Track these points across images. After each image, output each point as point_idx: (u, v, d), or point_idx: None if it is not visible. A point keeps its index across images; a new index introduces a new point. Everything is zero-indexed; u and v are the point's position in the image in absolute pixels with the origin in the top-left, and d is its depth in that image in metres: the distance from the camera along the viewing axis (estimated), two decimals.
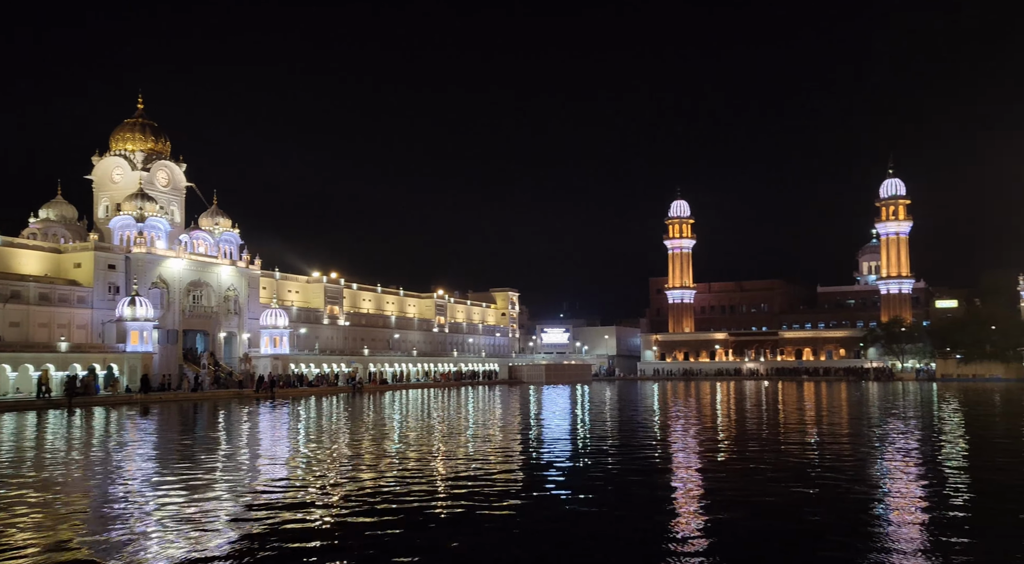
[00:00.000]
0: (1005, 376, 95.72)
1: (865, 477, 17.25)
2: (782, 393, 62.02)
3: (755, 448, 22.96)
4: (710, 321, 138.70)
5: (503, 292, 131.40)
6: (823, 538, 11.36)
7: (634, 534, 11.86)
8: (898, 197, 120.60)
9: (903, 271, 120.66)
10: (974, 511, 13.01)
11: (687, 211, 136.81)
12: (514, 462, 20.10)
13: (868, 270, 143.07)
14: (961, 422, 33.13)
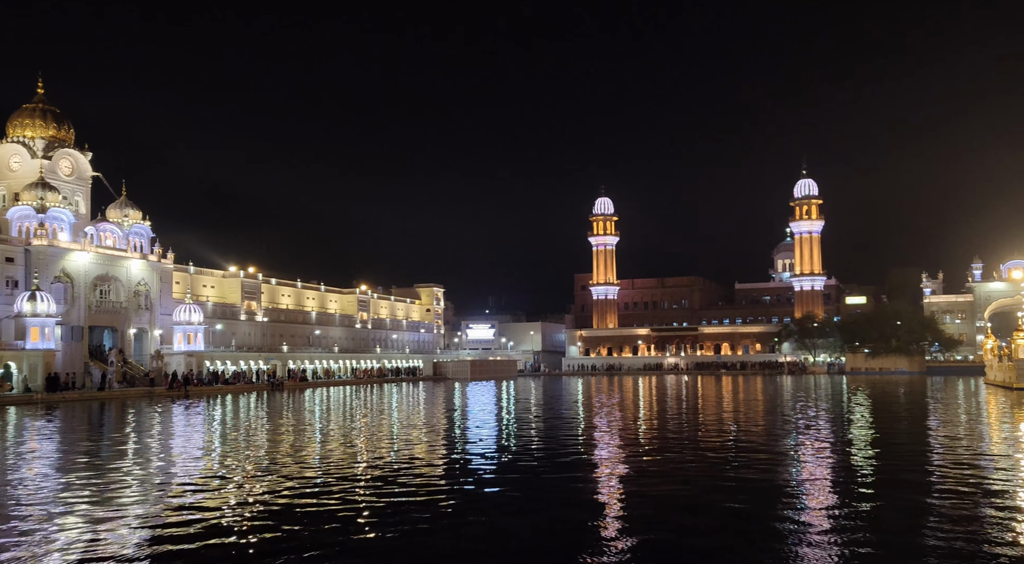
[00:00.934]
0: (909, 369, 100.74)
1: (778, 468, 17.54)
2: (701, 387, 63.45)
3: (675, 439, 23.16)
4: (633, 317, 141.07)
5: (428, 288, 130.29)
6: (738, 528, 11.40)
7: (557, 532, 11.61)
8: (811, 197, 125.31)
9: (815, 269, 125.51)
10: (876, 496, 13.45)
11: (611, 208, 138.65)
12: (436, 460, 19.64)
13: (783, 267, 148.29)
14: (866, 413, 34.46)
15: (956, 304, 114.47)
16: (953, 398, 45.78)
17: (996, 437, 23.97)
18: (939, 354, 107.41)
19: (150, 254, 71.93)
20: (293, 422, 32.59)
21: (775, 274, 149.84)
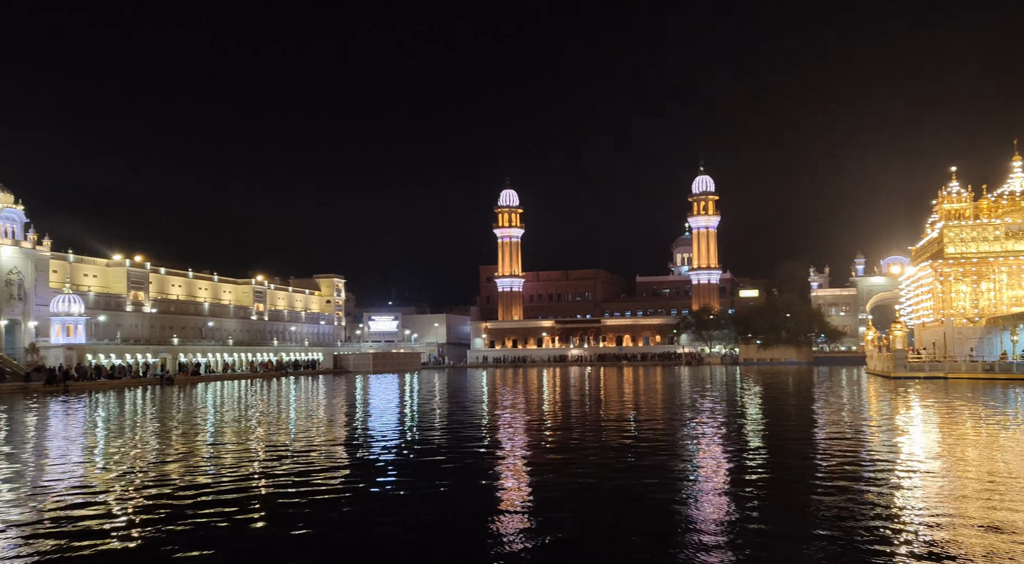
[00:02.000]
0: (798, 359, 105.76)
1: (677, 458, 17.53)
2: (604, 379, 64.27)
3: (577, 430, 22.95)
4: (538, 309, 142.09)
5: (328, 278, 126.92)
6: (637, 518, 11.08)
7: (456, 528, 10.94)
8: (708, 193, 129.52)
9: (712, 263, 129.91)
10: (767, 480, 13.53)
11: (516, 201, 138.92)
12: (333, 455, 18.57)
13: (682, 261, 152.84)
14: (758, 401, 35.56)
15: (841, 297, 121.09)
16: (837, 386, 48.04)
17: (875, 420, 25.03)
18: (825, 345, 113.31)
19: (23, 240, 66.50)
20: (182, 419, 30.52)
21: (674, 268, 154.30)
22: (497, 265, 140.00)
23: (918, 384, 47.89)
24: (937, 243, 67.08)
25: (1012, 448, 18.48)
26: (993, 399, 34.43)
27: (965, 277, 64.21)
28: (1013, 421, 24.78)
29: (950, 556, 8.84)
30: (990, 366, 54.55)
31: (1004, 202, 65.23)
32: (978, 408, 29.80)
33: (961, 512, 11.18)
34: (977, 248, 64.15)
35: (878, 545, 9.49)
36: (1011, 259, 63.09)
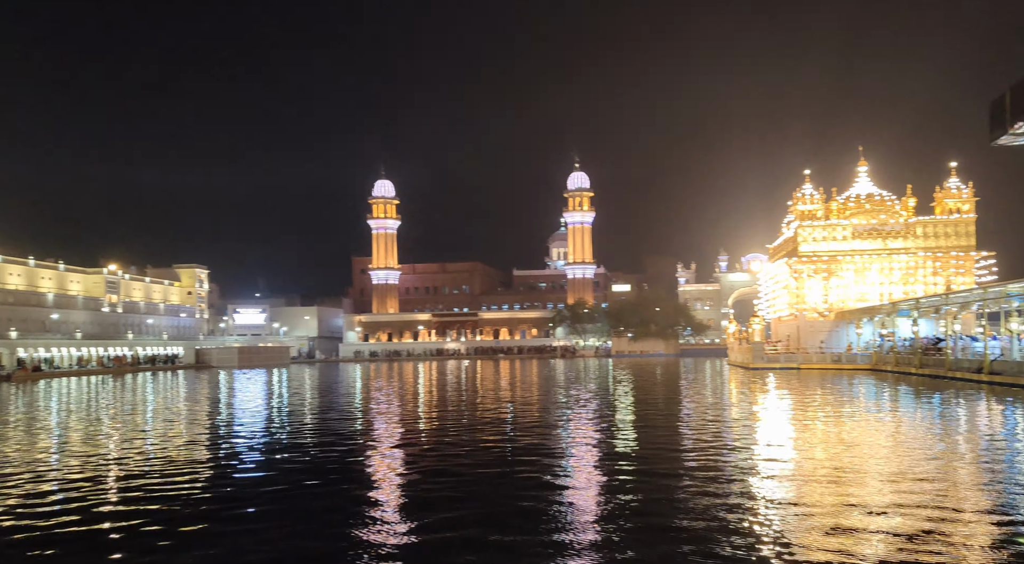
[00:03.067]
0: (666, 352, 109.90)
1: (550, 448, 17.17)
2: (481, 372, 63.92)
3: (453, 426, 22.22)
4: (414, 302, 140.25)
5: (189, 268, 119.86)
6: (512, 511, 10.51)
7: (319, 537, 9.92)
8: (583, 189, 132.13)
9: (587, 258, 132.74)
10: (636, 469, 13.38)
11: (392, 192, 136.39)
12: (194, 458, 16.85)
13: (558, 256, 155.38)
14: (629, 392, 36.21)
15: (705, 292, 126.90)
16: (702, 377, 49.91)
17: (735, 409, 25.88)
18: (691, 338, 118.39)
19: None
20: (32, 419, 27.25)
21: (550, 262, 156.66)
22: (372, 257, 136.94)
23: (774, 374, 50.46)
24: (792, 242, 71.20)
25: (854, 432, 19.44)
26: (839, 387, 36.62)
27: (817, 274, 68.50)
28: (855, 408, 26.24)
29: (800, 539, 8.95)
30: (837, 357, 58.38)
31: (851, 204, 70.06)
32: (825, 396, 31.48)
33: (810, 492, 11.65)
34: (828, 247, 68.57)
35: (737, 526, 9.57)
36: (857, 258, 67.87)
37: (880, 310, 59.08)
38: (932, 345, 48.34)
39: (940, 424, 21.53)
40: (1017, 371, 35.67)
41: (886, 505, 10.68)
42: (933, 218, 67.61)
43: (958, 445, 17.23)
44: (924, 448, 16.52)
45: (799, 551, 8.67)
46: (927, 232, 67.15)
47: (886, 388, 35.95)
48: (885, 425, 21.30)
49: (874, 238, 68.07)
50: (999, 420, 22.39)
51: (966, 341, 46.16)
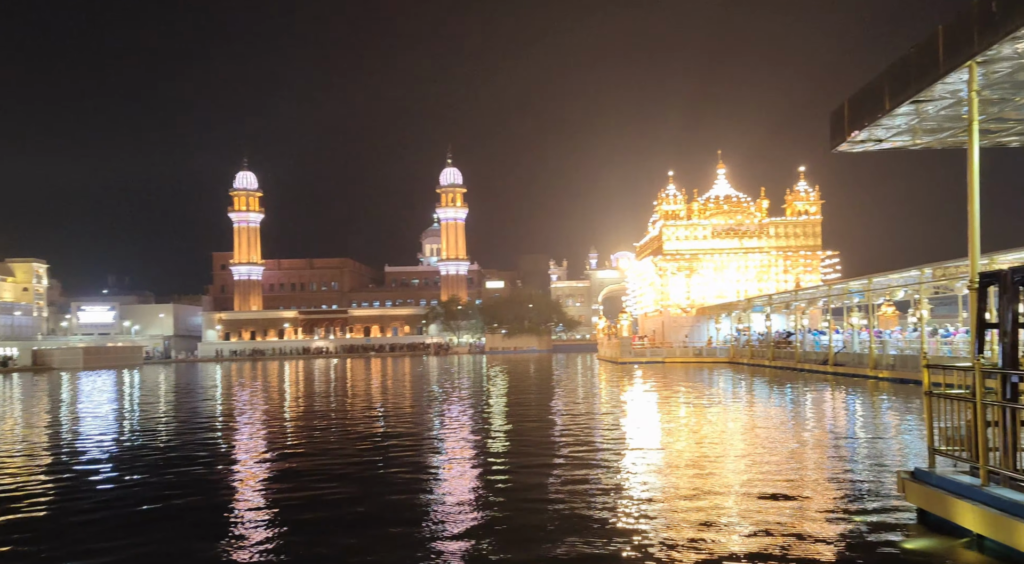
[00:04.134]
0: (539, 348, 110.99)
1: (421, 443, 16.16)
2: (351, 370, 61.68)
3: (321, 426, 20.65)
4: (280, 299, 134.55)
5: (25, 263, 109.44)
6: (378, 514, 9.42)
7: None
8: (456, 186, 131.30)
9: (460, 254, 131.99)
10: (509, 462, 12.71)
11: (255, 184, 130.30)
12: (27, 472, 14.43)
13: (431, 252, 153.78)
14: (501, 388, 35.70)
15: (577, 289, 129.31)
16: (573, 372, 50.29)
17: (603, 401, 25.89)
18: (563, 334, 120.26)
19: None
20: None
21: (424, 258, 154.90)
22: (233, 252, 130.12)
23: (641, 368, 51.56)
24: (657, 240, 73.40)
25: (713, 422, 19.79)
26: (699, 379, 37.74)
27: (680, 271, 70.92)
28: (713, 399, 26.90)
29: (664, 526, 8.92)
30: (699, 351, 60.56)
31: (711, 205, 73.02)
32: (687, 388, 32.23)
33: (674, 481, 11.94)
34: (690, 246, 71.15)
35: (605, 515, 9.45)
36: (717, 256, 70.82)
37: (737, 306, 61.81)
38: (783, 339, 50.88)
39: (791, 412, 22.22)
40: (857, 362, 37.90)
41: (745, 489, 11.04)
42: (784, 219, 71.60)
43: (806, 431, 17.76)
44: (777, 434, 17.07)
45: (664, 537, 8.53)
46: (779, 232, 71.02)
47: (742, 380, 37.28)
48: (742, 414, 21.79)
49: (732, 238, 71.26)
50: (841, 407, 23.43)
51: (813, 335, 48.87)
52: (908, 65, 8.69)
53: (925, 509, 8.59)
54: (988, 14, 7.07)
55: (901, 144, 10.77)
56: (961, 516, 7.78)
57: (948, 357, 30.74)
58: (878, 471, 12.13)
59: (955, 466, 8.54)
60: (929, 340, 34.03)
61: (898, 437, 16.27)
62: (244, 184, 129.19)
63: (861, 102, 9.93)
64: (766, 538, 8.37)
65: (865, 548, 7.94)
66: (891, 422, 19.14)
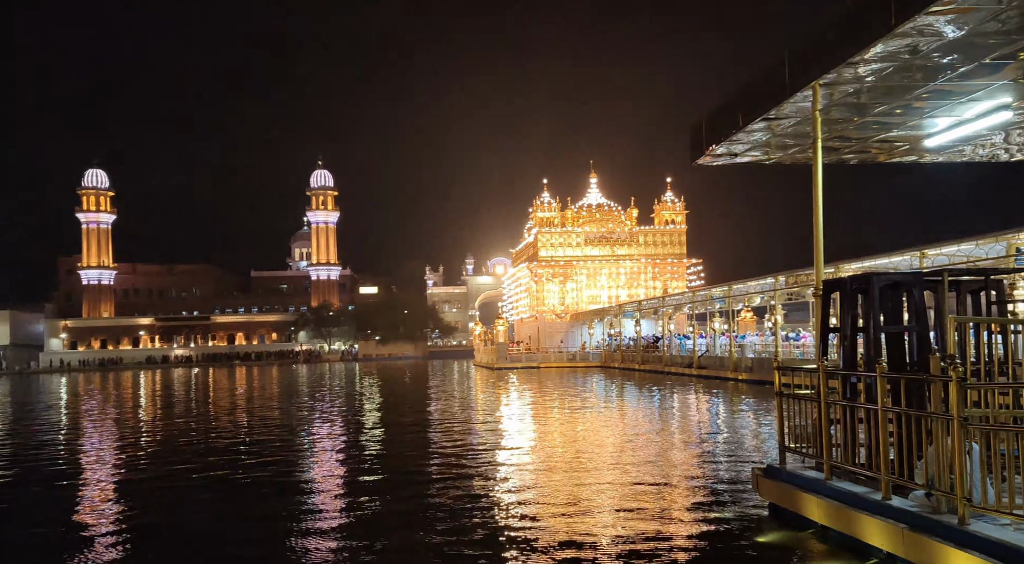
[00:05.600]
0: (414, 354, 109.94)
1: (288, 455, 15.51)
2: (213, 380, 58.62)
3: (175, 439, 19.37)
4: (135, 305, 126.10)
5: None
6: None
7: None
8: (327, 188, 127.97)
9: (332, 258, 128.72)
10: (383, 469, 12.50)
11: (106, 182, 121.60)
12: None
13: (300, 256, 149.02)
14: (375, 395, 35.05)
15: (453, 295, 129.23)
16: (449, 378, 50.15)
17: (479, 407, 25.95)
18: (439, 340, 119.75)
19: None
20: None
21: (293, 263, 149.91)
22: (82, 255, 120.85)
23: (516, 373, 52.13)
24: (533, 247, 74.63)
25: (584, 424, 20.30)
26: (573, 383, 38.62)
27: (555, 278, 72.43)
28: (586, 402, 27.61)
29: (533, 526, 8.79)
30: (573, 356, 62.00)
31: (584, 213, 75.12)
32: (561, 392, 32.88)
33: (544, 482, 12.13)
34: (564, 252, 72.83)
35: (480, 518, 9.28)
36: (590, 263, 72.87)
37: (609, 312, 63.81)
38: (652, 343, 52.99)
39: (657, 413, 23.11)
40: (719, 365, 40.00)
41: (611, 488, 11.36)
42: (652, 228, 74.70)
43: (670, 431, 18.52)
44: (643, 435, 17.71)
45: (538, 538, 8.59)
46: (648, 241, 74.02)
47: (614, 383, 38.45)
48: (612, 417, 22.43)
49: (604, 245, 73.56)
50: (704, 408, 24.62)
51: (679, 339, 51.20)
52: (759, 84, 9.21)
53: (776, 503, 9.07)
54: (828, 41, 7.59)
55: (755, 158, 11.41)
56: (808, 509, 8.27)
57: (800, 360, 32.96)
58: (737, 469, 12.75)
59: (803, 462, 9.08)
60: (783, 344, 36.40)
61: (757, 436, 17.23)
62: (94, 182, 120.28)
63: (717, 118, 10.43)
64: (628, 535, 8.62)
65: (720, 543, 8.28)
66: (750, 421, 20.26)
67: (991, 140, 10.33)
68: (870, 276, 8.28)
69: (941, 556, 6.17)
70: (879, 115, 9.16)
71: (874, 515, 7.14)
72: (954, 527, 6.17)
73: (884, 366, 7.33)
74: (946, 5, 6.00)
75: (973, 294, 8.45)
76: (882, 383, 7.20)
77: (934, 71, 7.61)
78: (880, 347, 8.26)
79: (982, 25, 6.41)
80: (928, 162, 11.63)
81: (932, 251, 23.59)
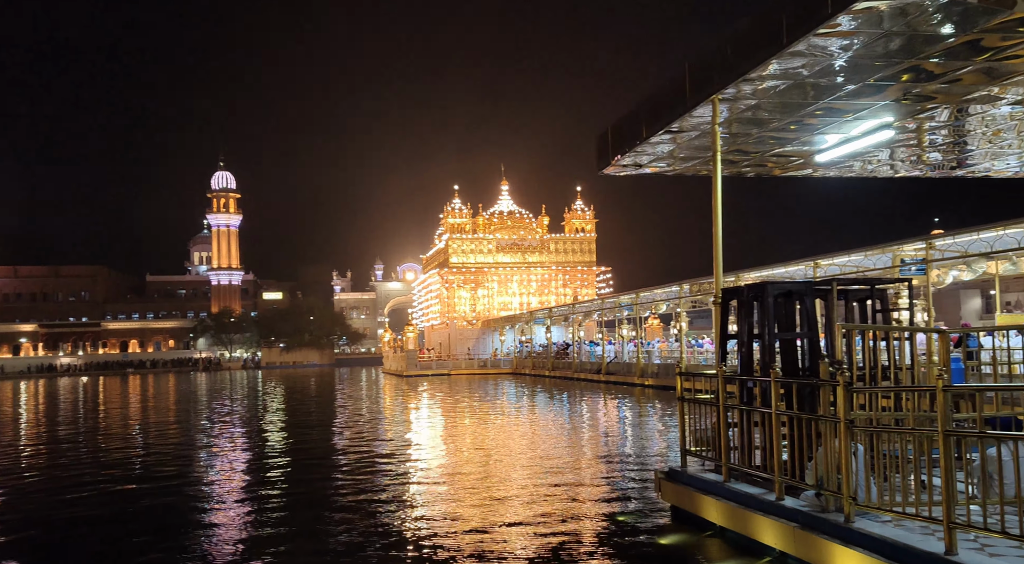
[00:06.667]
0: (320, 362, 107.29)
1: (188, 467, 14.80)
2: (104, 391, 55.44)
3: (66, 456, 18.15)
4: (16, 311, 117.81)
5: None
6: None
7: None
8: (228, 190, 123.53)
9: (233, 263, 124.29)
10: (290, 482, 12.12)
11: None
12: None
13: (200, 260, 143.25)
14: (280, 404, 34.02)
15: (362, 301, 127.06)
16: (357, 386, 49.24)
17: (388, 415, 25.60)
18: (347, 347, 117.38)
19: None
20: None
21: (192, 267, 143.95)
22: None
23: (427, 381, 51.68)
24: (444, 253, 74.31)
25: (494, 431, 20.39)
26: (484, 390, 38.63)
27: (466, 284, 72.30)
28: (496, 408, 27.67)
29: (442, 530, 8.80)
30: (484, 363, 62.00)
31: (496, 220, 75.39)
32: (471, 399, 32.82)
33: (462, 485, 12.16)
34: (475, 259, 72.82)
35: (390, 528, 8.96)
36: (501, 270, 73.13)
37: (520, 318, 64.17)
38: (562, 350, 53.60)
39: (567, 419, 23.37)
40: (627, 371, 40.85)
41: (520, 492, 11.42)
42: (563, 236, 75.70)
43: (579, 437, 18.79)
44: (552, 441, 17.88)
45: (444, 545, 8.51)
46: (558, 248, 74.94)
47: (524, 390, 38.65)
48: (523, 422, 22.53)
49: (515, 252, 74.00)
50: (613, 413, 25.07)
51: (589, 346, 52.00)
52: (661, 97, 9.44)
53: (678, 506, 9.27)
54: (725, 57, 7.85)
55: (660, 169, 11.70)
56: (706, 511, 8.49)
57: (703, 365, 34.03)
58: (643, 473, 12.99)
59: (704, 465, 9.32)
60: (687, 350, 37.51)
61: (663, 440, 17.64)
62: None
63: (623, 129, 10.63)
64: (534, 541, 8.63)
65: (624, 547, 8.39)
66: (656, 426, 20.72)
67: (877, 157, 10.94)
68: (765, 285, 8.59)
69: (828, 553, 6.44)
70: (775, 130, 9.55)
71: (768, 515, 7.38)
72: (840, 525, 6.44)
73: (778, 371, 7.61)
74: (833, 28, 6.29)
75: (860, 302, 8.89)
76: (776, 387, 7.46)
77: (825, 90, 7.99)
78: (775, 353, 8.58)
79: (867, 48, 6.76)
80: (822, 176, 12.22)
81: (825, 261, 24.82)
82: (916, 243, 20.53)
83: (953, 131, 9.66)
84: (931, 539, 5.75)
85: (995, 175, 12.13)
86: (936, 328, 9.69)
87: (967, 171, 11.90)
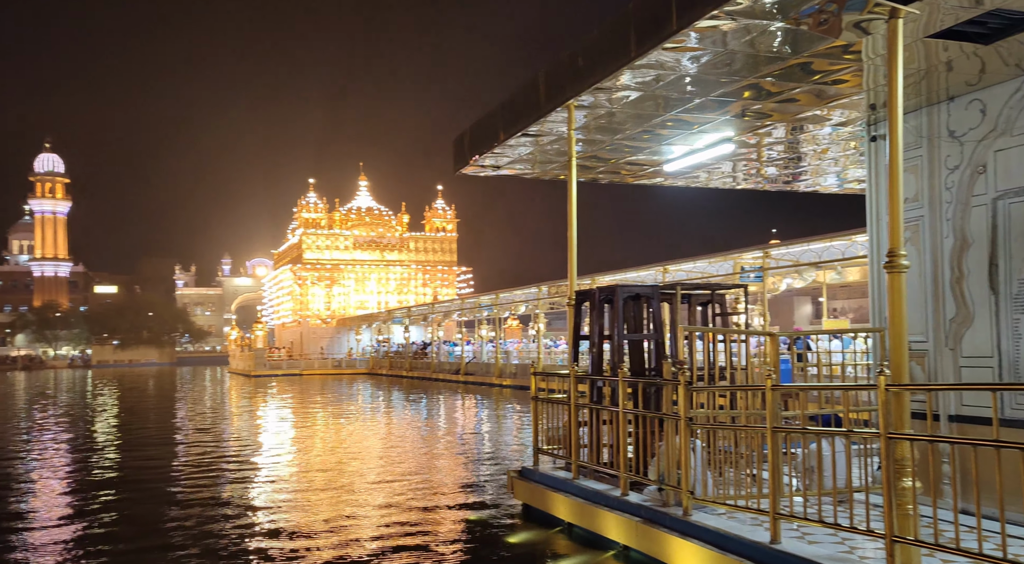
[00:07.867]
0: (159, 360, 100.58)
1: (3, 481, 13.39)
2: None
3: None
4: None
5: None
6: None
7: None
8: (56, 174, 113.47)
9: (60, 253, 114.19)
10: (123, 494, 11.29)
11: None
12: None
13: (21, 249, 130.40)
14: (110, 407, 31.60)
15: (207, 297, 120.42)
16: (199, 387, 46.59)
17: (232, 419, 24.46)
18: (190, 345, 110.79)
19: None
20: None
21: (10, 256, 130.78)
22: None
23: (276, 381, 49.69)
24: (297, 249, 71.85)
25: (346, 432, 20.00)
26: (337, 391, 37.74)
27: (320, 281, 70.25)
28: (349, 410, 27.14)
29: (292, 534, 8.66)
30: (338, 362, 60.46)
31: (353, 216, 73.85)
32: (323, 400, 31.96)
33: (311, 489, 11.75)
34: (331, 255, 70.95)
35: (237, 537, 8.54)
36: (358, 267, 71.67)
37: (378, 317, 63.14)
38: (421, 349, 53.26)
39: (424, 419, 23.23)
40: (485, 371, 41.20)
41: (373, 494, 11.25)
42: (424, 234, 75.31)
43: (436, 437, 18.72)
44: (408, 441, 17.74)
45: (296, 549, 8.24)
46: (419, 247, 74.48)
47: (380, 390, 38.06)
48: (377, 423, 22.16)
49: (373, 250, 72.78)
50: (471, 413, 25.20)
51: (448, 346, 51.98)
52: (518, 101, 9.53)
53: (529, 504, 9.39)
54: (576, 65, 8.02)
55: (518, 172, 11.81)
56: (556, 508, 8.65)
57: (559, 365, 34.91)
58: (498, 472, 13.09)
59: (555, 463, 9.49)
60: (545, 350, 38.34)
61: (519, 439, 17.86)
62: None
63: (481, 131, 10.64)
64: (385, 543, 8.48)
65: (472, 547, 8.37)
66: (513, 426, 21.00)
67: (720, 168, 11.59)
68: (615, 288, 8.88)
69: (667, 545, 6.72)
70: (628, 138, 9.87)
71: (613, 510, 7.62)
72: (679, 518, 6.74)
73: (626, 371, 7.87)
74: (678, 43, 6.57)
75: (702, 306, 9.38)
76: (623, 386, 7.72)
77: (674, 102, 8.35)
78: (623, 353, 8.88)
79: (712, 64, 7.12)
80: (671, 185, 12.78)
81: (673, 267, 26.15)
82: (754, 252, 22.00)
83: (788, 147, 10.40)
84: (759, 529, 6.12)
85: (822, 191, 13.19)
86: (768, 331, 10.41)
87: (800, 185, 12.86)
